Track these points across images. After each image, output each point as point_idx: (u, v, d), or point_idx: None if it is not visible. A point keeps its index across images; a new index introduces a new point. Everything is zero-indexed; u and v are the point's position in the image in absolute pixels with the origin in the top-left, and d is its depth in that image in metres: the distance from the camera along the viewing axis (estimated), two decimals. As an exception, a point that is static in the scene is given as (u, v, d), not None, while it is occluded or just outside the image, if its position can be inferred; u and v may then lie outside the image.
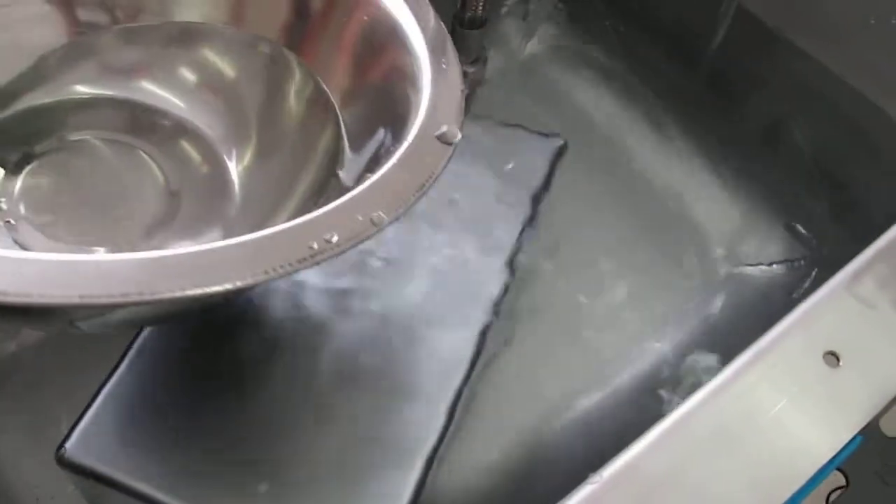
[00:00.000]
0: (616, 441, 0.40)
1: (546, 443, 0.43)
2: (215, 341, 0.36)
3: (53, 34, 0.36)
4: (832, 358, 0.30)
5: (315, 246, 0.24)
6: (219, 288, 0.22)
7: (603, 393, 0.45)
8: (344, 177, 0.33)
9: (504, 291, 0.40)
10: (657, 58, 0.56)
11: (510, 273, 0.41)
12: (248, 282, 0.22)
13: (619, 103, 0.56)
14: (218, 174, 0.37)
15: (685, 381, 0.45)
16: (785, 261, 0.50)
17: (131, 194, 0.37)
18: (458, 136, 0.29)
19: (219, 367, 0.35)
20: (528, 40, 0.58)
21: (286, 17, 0.37)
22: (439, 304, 0.39)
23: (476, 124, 0.46)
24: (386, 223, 0.25)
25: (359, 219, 0.25)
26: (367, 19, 0.34)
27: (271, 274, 0.23)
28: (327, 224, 0.25)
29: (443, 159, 0.28)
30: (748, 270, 0.50)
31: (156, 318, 0.34)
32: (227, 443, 0.34)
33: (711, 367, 0.44)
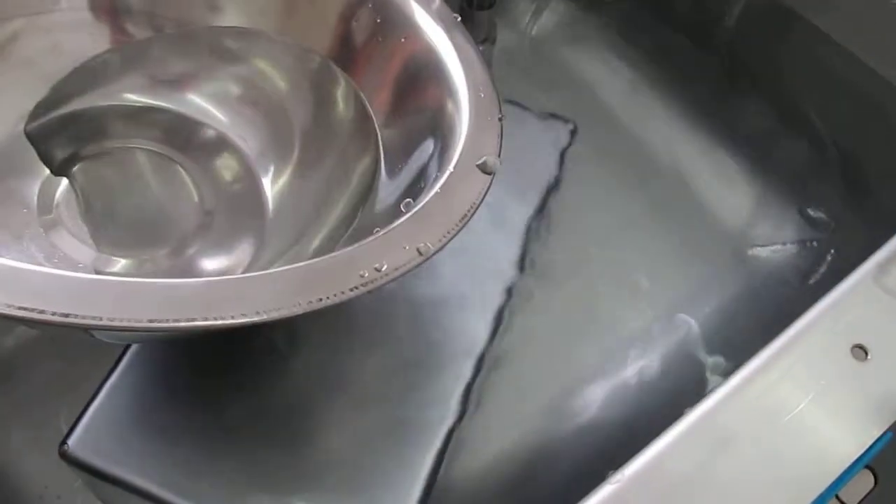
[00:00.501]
0: (630, 427, 0.39)
1: (562, 426, 0.43)
2: (220, 335, 0.35)
3: (95, 40, 0.37)
4: (860, 351, 0.29)
5: (365, 274, 0.25)
6: (276, 315, 0.22)
7: (618, 377, 0.45)
8: (379, 201, 0.33)
9: (517, 274, 0.40)
10: (669, 38, 0.55)
11: (522, 255, 0.41)
12: (304, 309, 0.23)
13: (629, 84, 0.55)
14: (253, 191, 0.37)
15: (701, 363, 0.44)
16: (799, 241, 0.49)
17: (166, 208, 0.37)
18: (498, 166, 0.30)
19: (223, 361, 0.35)
20: (537, 20, 0.58)
21: (335, 34, 0.37)
22: (453, 285, 0.39)
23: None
24: (431, 253, 0.26)
25: (405, 248, 0.26)
26: (410, 47, 0.35)
27: (325, 301, 0.23)
28: (376, 253, 0.25)
29: (483, 189, 0.29)
30: (762, 252, 0.49)
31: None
32: (230, 439, 0.33)
33: (727, 350, 0.44)
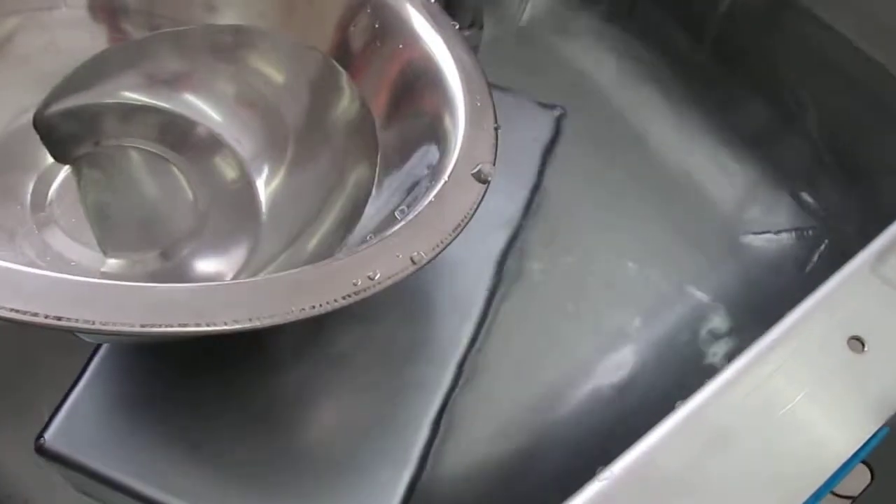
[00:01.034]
0: (620, 422, 0.39)
1: (551, 420, 0.42)
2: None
3: (93, 39, 0.37)
4: (857, 343, 0.28)
5: (358, 282, 0.25)
6: (269, 322, 0.23)
7: (609, 369, 0.44)
8: (374, 206, 0.33)
9: (505, 262, 0.40)
10: (660, 23, 0.54)
11: (510, 244, 0.41)
12: (296, 316, 0.23)
13: (620, 70, 0.55)
14: (246, 193, 0.37)
15: (694, 354, 0.44)
16: (793, 228, 0.49)
17: (159, 208, 0.37)
18: (493, 174, 0.30)
19: (202, 354, 0.35)
20: (525, 5, 0.57)
21: (334, 38, 0.37)
22: (440, 273, 0.38)
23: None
24: (425, 262, 0.26)
25: (398, 257, 0.26)
26: (408, 53, 0.35)
27: (317, 309, 0.24)
28: (369, 261, 0.26)
29: (477, 198, 0.29)
30: (756, 240, 0.49)
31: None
32: (208, 431, 0.33)
33: (722, 337, 0.43)
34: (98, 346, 0.34)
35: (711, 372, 0.28)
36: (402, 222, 0.28)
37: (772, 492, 0.26)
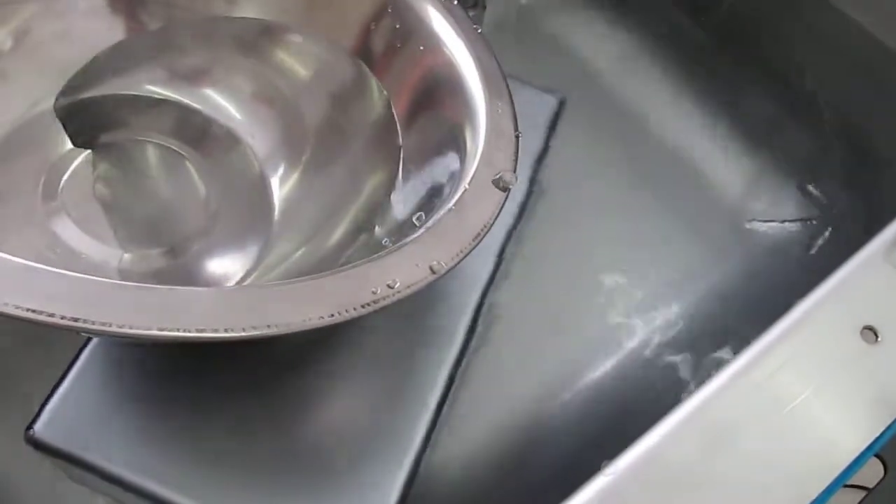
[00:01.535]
0: (623, 413, 0.38)
1: (553, 412, 0.42)
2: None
3: (110, 28, 0.37)
4: (870, 333, 0.28)
5: (378, 291, 0.25)
6: (287, 329, 0.23)
7: (612, 359, 0.44)
8: (391, 212, 0.33)
9: (504, 250, 0.40)
10: (664, 8, 0.53)
11: (510, 230, 0.40)
12: (315, 324, 0.23)
13: (621, 55, 0.54)
14: (261, 192, 0.37)
15: (700, 345, 0.43)
16: (798, 217, 0.48)
17: (172, 204, 0.37)
18: (514, 182, 0.30)
19: (192, 346, 0.34)
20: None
21: (355, 38, 0.37)
22: None
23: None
24: (444, 271, 0.26)
25: (417, 266, 0.26)
26: (430, 56, 0.35)
27: (336, 318, 0.23)
28: (388, 269, 0.26)
29: (497, 206, 0.29)
30: (760, 228, 0.48)
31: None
32: (199, 423, 0.33)
33: (727, 328, 0.43)
34: (89, 337, 0.34)
35: (717, 364, 0.27)
36: (422, 230, 0.28)
37: (780, 488, 0.25)
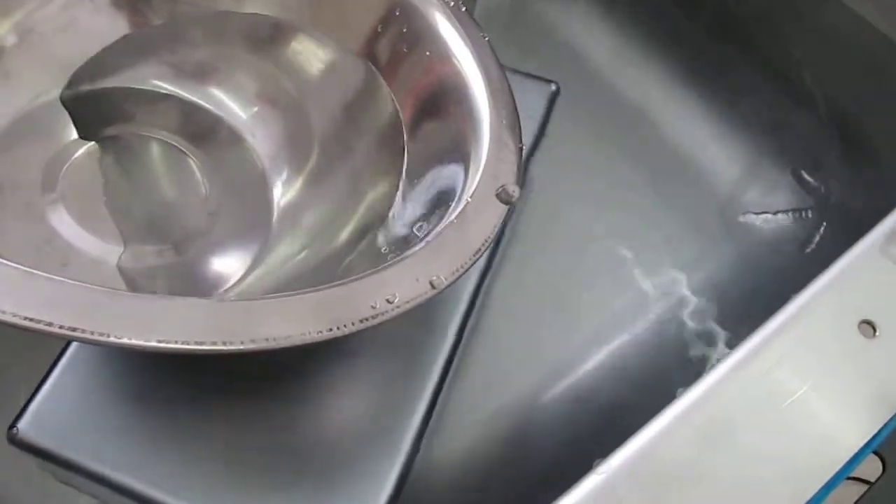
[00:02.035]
0: (618, 406, 0.38)
1: (546, 406, 0.42)
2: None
3: (114, 22, 0.36)
4: (868, 327, 0.27)
5: (377, 305, 0.25)
6: (286, 343, 0.23)
7: (605, 353, 0.44)
8: (392, 221, 0.33)
9: (496, 241, 0.38)
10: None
11: (505, 222, 0.39)
12: (314, 339, 0.23)
13: (615, 43, 0.53)
14: (261, 193, 0.37)
15: (695, 339, 0.43)
16: (793, 207, 0.48)
17: (172, 202, 0.37)
18: (517, 195, 0.30)
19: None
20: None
21: (360, 41, 0.36)
22: None
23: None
24: (444, 287, 0.26)
25: (417, 280, 0.26)
26: (435, 63, 0.34)
27: (335, 332, 0.23)
28: (388, 283, 0.25)
29: (499, 220, 0.29)
30: (755, 219, 0.48)
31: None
32: (184, 421, 0.33)
33: (722, 322, 0.42)
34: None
35: (712, 358, 0.27)
36: (423, 243, 0.27)
37: (776, 486, 0.25)
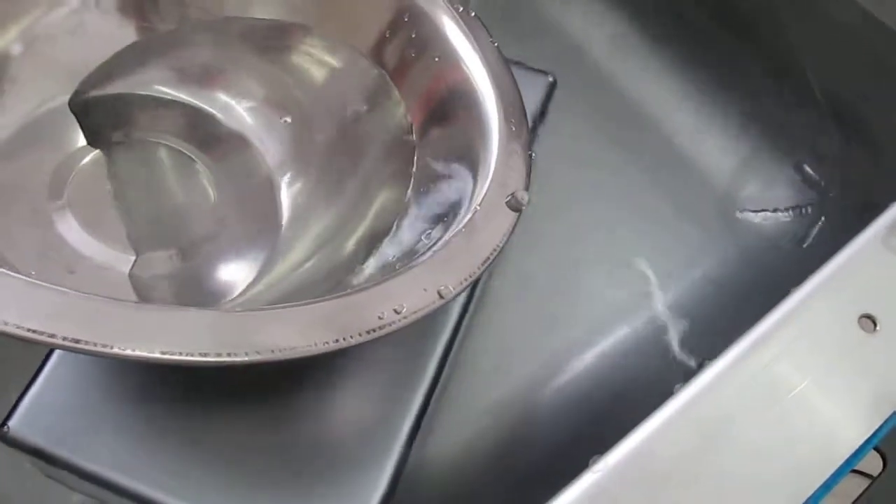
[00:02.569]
0: (616, 401, 0.38)
1: (542, 402, 0.42)
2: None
3: (122, 27, 0.36)
4: (868, 322, 0.27)
5: (384, 315, 0.24)
6: (292, 354, 0.22)
7: (601, 348, 0.44)
8: (401, 226, 0.33)
9: None
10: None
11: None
12: (321, 349, 0.23)
13: (612, 35, 0.53)
14: (269, 198, 0.37)
15: (694, 335, 0.43)
16: (792, 201, 0.48)
17: (179, 208, 0.37)
18: (526, 201, 0.30)
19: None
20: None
21: (369, 47, 0.36)
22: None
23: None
24: (451, 297, 0.26)
25: (425, 290, 0.26)
26: (444, 69, 0.34)
27: (341, 343, 0.23)
28: (396, 294, 0.25)
29: (508, 228, 0.29)
30: (753, 213, 0.48)
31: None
32: (180, 419, 0.32)
33: (722, 321, 0.42)
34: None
35: (711, 353, 0.26)
36: (431, 252, 0.27)
37: (775, 484, 0.25)
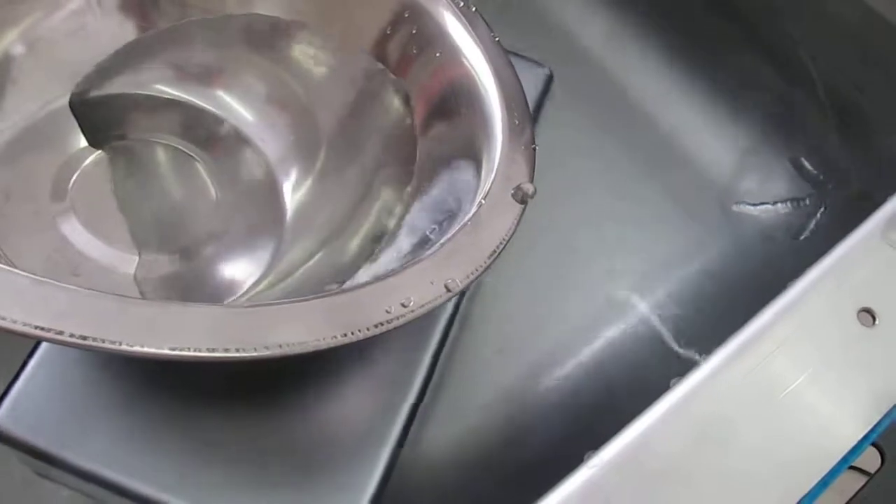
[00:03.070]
0: (612, 395, 0.37)
1: (536, 397, 0.42)
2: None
3: (122, 26, 0.36)
4: (867, 316, 0.27)
5: (392, 309, 0.24)
6: (300, 349, 0.22)
7: (597, 341, 0.43)
8: (405, 221, 0.33)
9: None
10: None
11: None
12: (328, 344, 0.23)
13: (609, 28, 0.52)
14: (272, 195, 0.37)
15: (691, 329, 0.43)
16: (789, 194, 0.48)
17: (182, 207, 0.37)
18: (532, 194, 0.30)
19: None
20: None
21: (370, 42, 0.36)
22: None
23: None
24: (459, 290, 0.26)
25: (432, 284, 0.26)
26: (446, 64, 0.34)
27: (349, 337, 0.23)
28: (403, 287, 0.25)
29: (514, 221, 0.29)
30: (749, 206, 0.48)
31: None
32: (173, 414, 0.32)
33: (719, 314, 0.42)
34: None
35: (707, 347, 0.26)
36: (437, 245, 0.27)
37: (772, 480, 0.24)
